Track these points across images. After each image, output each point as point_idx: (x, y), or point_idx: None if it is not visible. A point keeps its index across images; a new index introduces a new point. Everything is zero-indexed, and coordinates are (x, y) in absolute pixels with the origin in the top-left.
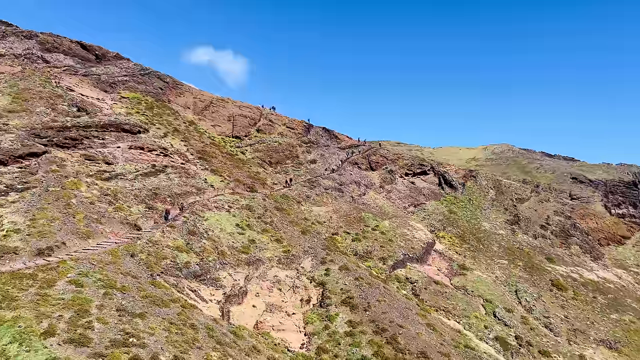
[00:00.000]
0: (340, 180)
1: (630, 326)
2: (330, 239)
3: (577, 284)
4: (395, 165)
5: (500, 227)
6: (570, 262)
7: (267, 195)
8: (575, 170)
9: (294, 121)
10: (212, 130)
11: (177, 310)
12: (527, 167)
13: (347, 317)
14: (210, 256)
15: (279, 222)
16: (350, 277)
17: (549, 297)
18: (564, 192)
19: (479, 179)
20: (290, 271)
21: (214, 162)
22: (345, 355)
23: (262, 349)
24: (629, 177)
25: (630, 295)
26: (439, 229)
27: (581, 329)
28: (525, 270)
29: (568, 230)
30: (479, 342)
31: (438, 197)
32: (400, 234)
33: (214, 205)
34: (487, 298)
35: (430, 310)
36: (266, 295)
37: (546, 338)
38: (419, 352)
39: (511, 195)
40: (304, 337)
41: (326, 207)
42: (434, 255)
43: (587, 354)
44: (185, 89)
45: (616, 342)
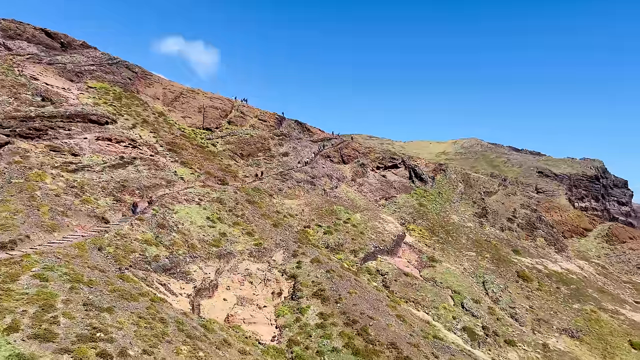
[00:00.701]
0: (312, 173)
1: (591, 315)
2: (302, 231)
3: (542, 275)
4: (367, 159)
5: (469, 219)
6: (536, 253)
7: (239, 188)
8: (541, 165)
9: (266, 113)
10: (182, 121)
11: (146, 304)
12: (495, 161)
13: (318, 309)
14: (180, 249)
15: (251, 215)
16: (321, 269)
17: (515, 288)
18: (530, 185)
19: (448, 173)
20: (262, 264)
21: (184, 154)
22: (316, 347)
23: (233, 342)
24: (592, 171)
25: (592, 286)
26: (409, 221)
27: (545, 318)
28: (492, 262)
29: (534, 223)
30: (448, 333)
31: (408, 190)
32: (371, 226)
33: (184, 198)
34: (455, 289)
35: (400, 301)
36: (237, 289)
37: (512, 328)
38: (389, 343)
39: (479, 189)
40: (275, 329)
41: (298, 200)
42: (404, 248)
43: (550, 342)
44: (155, 79)
45: (578, 331)
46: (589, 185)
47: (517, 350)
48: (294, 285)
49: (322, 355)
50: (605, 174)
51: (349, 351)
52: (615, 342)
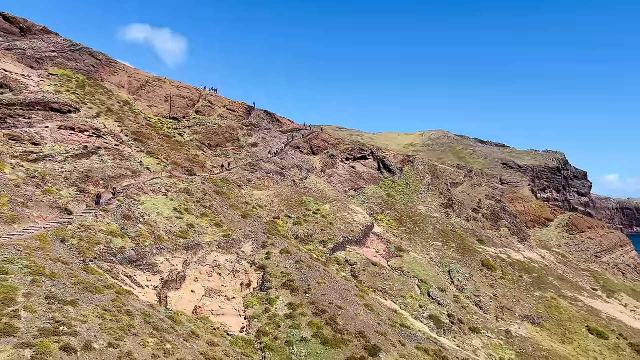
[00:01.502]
0: (281, 164)
1: (551, 302)
2: (271, 222)
3: (505, 264)
4: (337, 150)
5: (435, 210)
6: (500, 243)
7: (207, 178)
8: (506, 156)
9: (235, 103)
10: (148, 110)
11: (111, 296)
12: (461, 153)
13: (287, 299)
14: (146, 241)
15: (219, 206)
16: (290, 260)
17: (480, 277)
18: (495, 176)
19: (416, 164)
20: (230, 255)
21: (150, 144)
22: (284, 337)
23: (200, 334)
24: (554, 163)
25: (552, 274)
26: (378, 212)
27: (508, 306)
28: (458, 252)
29: (498, 213)
30: (414, 321)
31: (377, 181)
32: (340, 217)
33: (150, 189)
34: (422, 278)
35: (368, 291)
36: (205, 280)
37: (476, 315)
38: (357, 331)
39: (446, 180)
40: (243, 320)
41: (267, 191)
42: (372, 238)
43: (513, 329)
44: (119, 67)
45: (539, 318)
46: (550, 176)
47: (480, 337)
48: (263, 276)
49: (291, 345)
50: (566, 166)
51: (318, 340)
52: (573, 327)
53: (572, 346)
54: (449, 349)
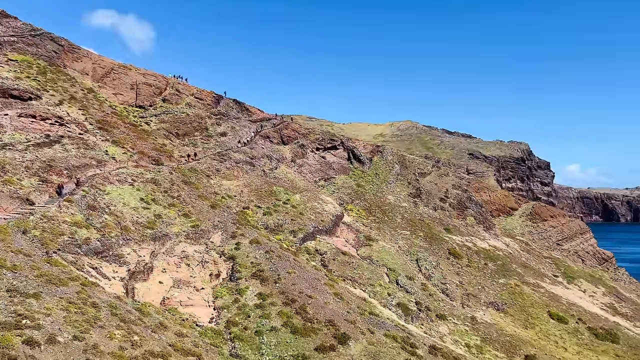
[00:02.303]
0: (251, 154)
1: (515, 289)
2: (241, 213)
3: (471, 252)
4: (307, 140)
5: (404, 200)
6: (466, 232)
7: (174, 168)
8: (472, 147)
9: (203, 92)
10: (114, 98)
11: (76, 288)
12: (429, 143)
13: (257, 289)
14: (112, 232)
15: (187, 197)
16: (260, 250)
17: (447, 265)
18: (462, 167)
19: (385, 154)
20: (199, 246)
21: (115, 133)
22: (254, 327)
23: (169, 325)
24: (519, 153)
25: (516, 261)
26: (348, 202)
27: (473, 293)
28: (425, 240)
29: (464, 203)
30: (383, 309)
31: (347, 171)
32: (310, 207)
33: (116, 179)
34: (390, 267)
35: (338, 280)
36: (174, 271)
37: (443, 303)
38: (327, 320)
39: (414, 170)
40: (213, 311)
41: (237, 181)
42: (342, 228)
43: (478, 315)
44: (83, 53)
45: (503, 304)
46: (515, 166)
47: (447, 324)
48: (233, 266)
49: (261, 335)
50: (530, 157)
51: (288, 330)
52: (535, 313)
53: (535, 331)
54: (417, 335)
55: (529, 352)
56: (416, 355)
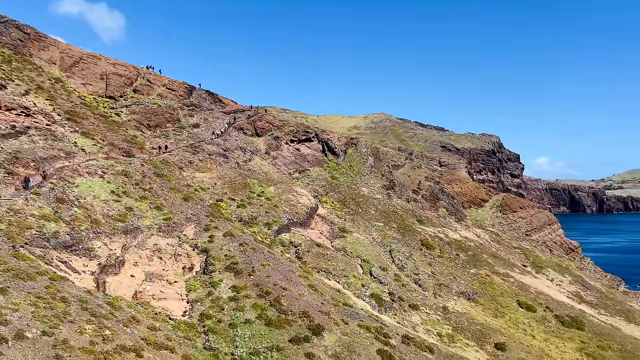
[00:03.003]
0: (225, 146)
1: (485, 279)
2: (214, 205)
3: (443, 243)
4: (281, 132)
5: (378, 192)
6: (438, 223)
7: (146, 160)
8: (445, 140)
9: (175, 82)
10: (83, 89)
11: (45, 283)
12: (402, 136)
13: (231, 282)
14: (82, 225)
15: (159, 189)
16: (234, 243)
17: (419, 256)
18: (434, 159)
19: (359, 147)
20: (172, 239)
21: (84, 124)
22: (228, 320)
23: (141, 319)
24: (490, 146)
25: (486, 252)
26: (322, 194)
27: (445, 283)
28: (398, 232)
29: (437, 195)
30: (357, 300)
31: (321, 163)
32: (285, 199)
33: (85, 171)
34: (364, 258)
35: (312, 271)
36: (146, 265)
37: (415, 293)
38: (301, 312)
39: (388, 162)
40: (186, 304)
41: (210, 173)
42: (316, 220)
43: (450, 305)
44: (50, 41)
45: (474, 294)
46: (486, 159)
47: (420, 314)
48: (206, 259)
49: (235, 328)
50: (501, 149)
51: (262, 322)
52: (505, 302)
53: (504, 319)
54: (390, 325)
55: (499, 340)
56: (389, 345)
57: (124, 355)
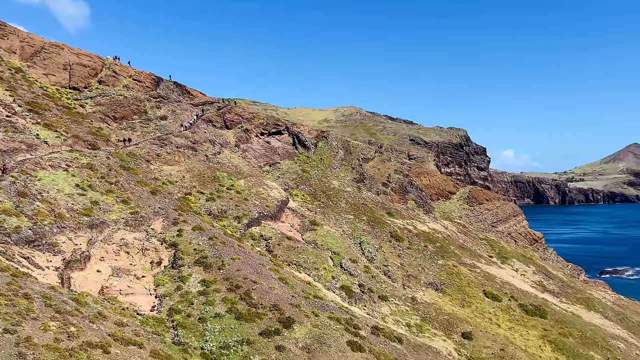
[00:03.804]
0: (193, 139)
1: (452, 270)
2: (183, 199)
3: (412, 235)
4: (251, 124)
5: (348, 184)
6: (407, 215)
7: (112, 153)
8: (413, 133)
9: (142, 74)
10: (45, 79)
11: (6, 279)
12: (372, 129)
13: (200, 276)
14: (45, 220)
15: (126, 182)
16: (204, 237)
17: (388, 248)
18: (404, 152)
19: (330, 140)
20: (139, 233)
21: (47, 116)
22: (198, 315)
23: (108, 315)
24: (457, 139)
25: (454, 243)
26: (293, 187)
27: (414, 274)
28: (368, 224)
29: (406, 187)
30: (327, 292)
31: (292, 156)
32: (255, 192)
33: (48, 164)
34: (334, 251)
35: (283, 265)
36: (112, 259)
37: (385, 284)
38: (272, 305)
39: (358, 155)
40: (154, 299)
41: (178, 167)
42: (287, 213)
43: (418, 296)
44: (10, 30)
45: (441, 284)
46: (454, 152)
47: (389, 305)
48: (175, 253)
49: (205, 322)
50: (468, 142)
51: (232, 316)
52: (472, 292)
53: (471, 309)
54: (360, 317)
55: (466, 329)
56: (359, 336)
57: (90, 351)
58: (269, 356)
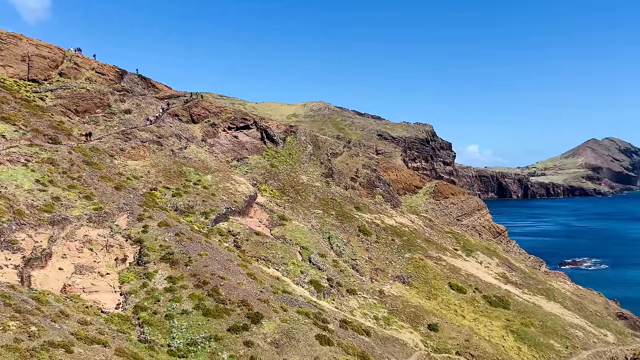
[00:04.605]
0: (159, 133)
1: (419, 263)
2: (148, 194)
3: (380, 229)
4: (218, 119)
5: (317, 179)
6: (375, 209)
7: (74, 147)
8: (381, 128)
9: (105, 66)
10: (2, 71)
11: None
12: (340, 124)
13: (167, 273)
14: (3, 216)
15: (89, 178)
16: (170, 233)
17: (357, 242)
18: (371, 147)
19: (298, 135)
20: (103, 230)
21: (4, 109)
22: (165, 312)
23: (71, 314)
24: (424, 134)
25: (420, 237)
26: (261, 182)
27: (382, 267)
28: (337, 219)
29: (374, 182)
30: (296, 287)
31: (260, 151)
32: (222, 188)
33: (6, 159)
34: (303, 245)
35: (251, 260)
36: (75, 257)
37: (353, 278)
38: (240, 301)
39: (327, 150)
40: (119, 297)
41: (143, 161)
42: (255, 208)
43: (386, 289)
44: None
45: (408, 277)
46: (420, 147)
47: (357, 298)
48: (140, 250)
49: (172, 319)
50: (434, 138)
51: (200, 312)
52: (438, 284)
53: (437, 301)
54: (328, 311)
55: (432, 321)
56: (328, 329)
57: (52, 351)
58: (237, 352)
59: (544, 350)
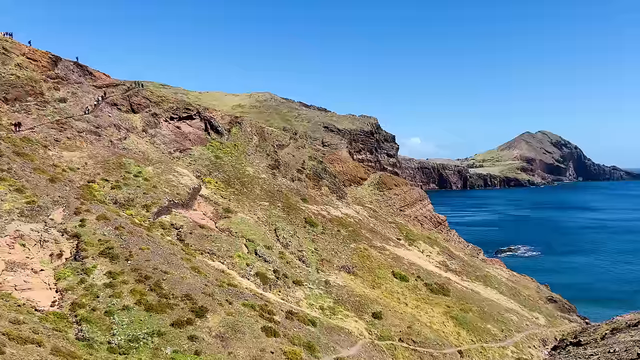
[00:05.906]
0: (96, 123)
1: (363, 253)
2: (85, 187)
3: (326, 220)
4: (160, 109)
5: (263, 171)
6: (321, 201)
7: (3, 137)
8: (327, 120)
9: (37, 52)
10: None
11: None
12: (287, 116)
13: (106, 268)
14: None
15: (20, 169)
16: (109, 226)
17: (303, 233)
18: (318, 139)
19: (244, 126)
20: (37, 224)
21: None
22: (104, 308)
23: (2, 313)
24: (369, 127)
25: (365, 227)
26: (205, 174)
27: (328, 258)
28: (283, 211)
29: (320, 174)
30: (242, 280)
31: (204, 142)
32: (165, 180)
33: None
34: (249, 238)
35: (195, 254)
36: (6, 253)
37: (299, 269)
38: (184, 295)
39: (273, 142)
40: (55, 294)
41: (80, 152)
42: (199, 200)
43: (331, 279)
44: None
45: (353, 267)
46: (365, 139)
47: (303, 289)
48: (78, 245)
49: (112, 315)
50: (378, 130)
51: (142, 308)
52: (382, 273)
53: (381, 290)
54: (275, 302)
55: (376, 309)
56: (274, 321)
57: None
58: (181, 347)
59: (482, 334)
